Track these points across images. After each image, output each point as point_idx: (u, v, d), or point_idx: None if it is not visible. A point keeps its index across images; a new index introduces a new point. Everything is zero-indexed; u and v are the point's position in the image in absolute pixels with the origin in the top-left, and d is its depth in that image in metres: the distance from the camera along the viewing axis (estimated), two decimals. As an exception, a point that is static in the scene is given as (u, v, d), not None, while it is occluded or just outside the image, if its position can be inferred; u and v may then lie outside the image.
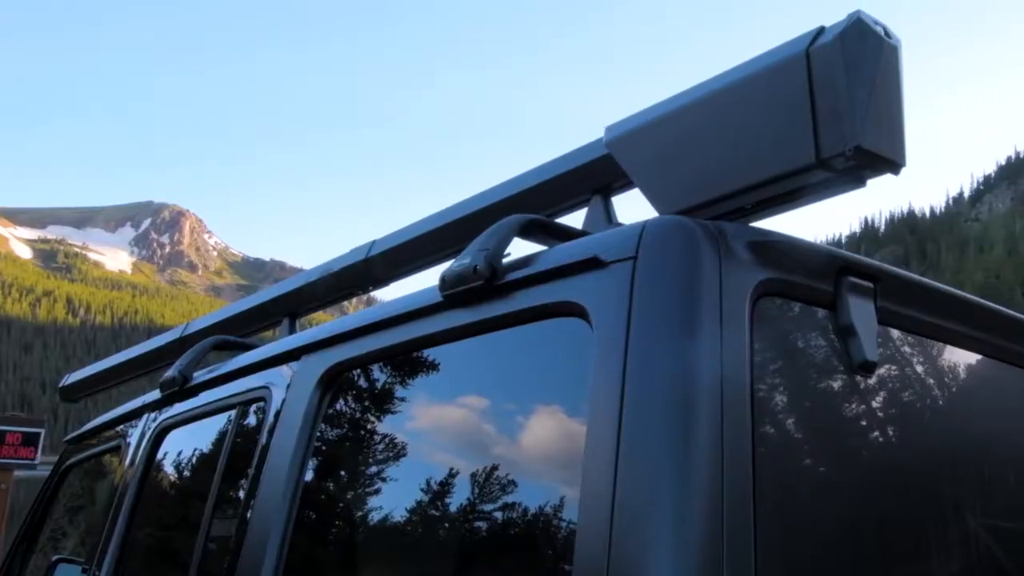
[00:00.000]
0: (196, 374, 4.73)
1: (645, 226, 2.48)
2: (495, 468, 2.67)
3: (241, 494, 3.80)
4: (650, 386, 2.21)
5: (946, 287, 3.05)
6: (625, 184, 3.28)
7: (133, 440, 5.19)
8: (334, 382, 3.45)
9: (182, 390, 4.71)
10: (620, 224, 3.20)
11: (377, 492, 3.15)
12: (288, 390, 3.66)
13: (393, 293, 3.81)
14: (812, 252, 2.59)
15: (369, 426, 3.34)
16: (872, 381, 2.63)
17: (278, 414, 3.64)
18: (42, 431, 18.02)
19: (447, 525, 2.82)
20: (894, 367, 2.78)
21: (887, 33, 2.47)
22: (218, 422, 4.38)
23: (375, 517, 3.14)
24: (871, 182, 2.59)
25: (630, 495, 2.11)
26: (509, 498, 2.60)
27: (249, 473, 3.69)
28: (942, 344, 2.96)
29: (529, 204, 3.52)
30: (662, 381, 2.20)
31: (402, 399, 3.20)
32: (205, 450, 4.51)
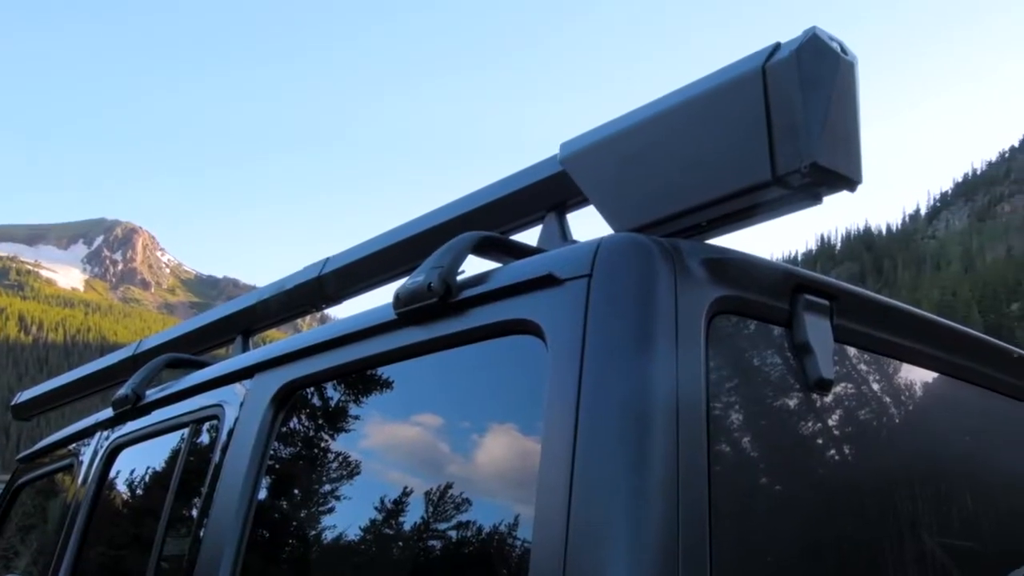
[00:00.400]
0: (149, 392, 4.69)
1: (600, 243, 2.47)
2: (449, 487, 2.65)
3: (194, 513, 3.77)
4: (605, 404, 2.20)
5: (902, 305, 3.05)
6: (580, 201, 3.27)
7: (85, 459, 5.15)
8: (287, 400, 3.43)
9: (135, 408, 4.66)
10: (575, 241, 3.19)
11: (331, 511, 3.12)
12: (241, 408, 3.63)
13: (347, 311, 3.78)
14: (768, 270, 2.58)
15: (323, 444, 3.32)
16: (828, 399, 2.62)
17: (231, 432, 3.61)
18: (-7, 450, 17.84)
19: (401, 544, 2.80)
20: (850, 385, 2.77)
21: (843, 49, 2.47)
22: (171, 440, 4.34)
23: (329, 536, 3.12)
24: (827, 199, 2.58)
25: (585, 514, 2.10)
26: (464, 517, 2.58)
27: (202, 491, 3.66)
28: (898, 362, 2.96)
29: (484, 221, 3.51)
30: (617, 399, 2.19)
31: (356, 417, 3.18)
32: (158, 468, 4.47)
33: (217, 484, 3.53)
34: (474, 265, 2.89)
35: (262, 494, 3.35)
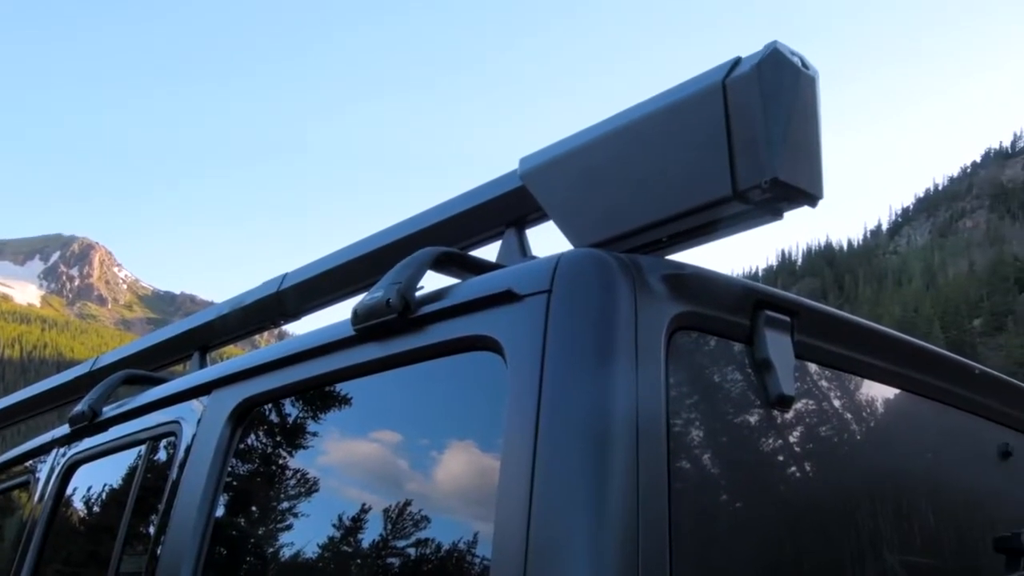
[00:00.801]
0: (106, 409, 4.65)
1: (560, 259, 2.46)
2: (408, 504, 2.64)
3: (151, 530, 3.75)
4: (564, 421, 2.18)
5: (864, 321, 3.05)
6: (539, 216, 3.25)
7: (42, 475, 5.10)
8: (245, 417, 3.40)
9: (91, 425, 4.62)
10: (534, 257, 3.18)
11: (289, 528, 3.10)
12: (199, 425, 3.61)
13: (305, 327, 3.76)
14: (728, 285, 2.57)
15: (281, 461, 3.29)
16: (789, 416, 2.61)
17: (189, 449, 3.58)
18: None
19: (360, 562, 2.77)
20: (811, 401, 2.76)
21: (804, 64, 2.47)
22: (128, 457, 4.30)
23: (287, 553, 3.09)
24: (788, 214, 2.58)
25: (544, 532, 2.09)
26: (423, 534, 2.56)
27: (159, 509, 3.63)
28: (860, 378, 2.96)
29: (443, 237, 3.49)
30: (576, 416, 2.18)
31: (314, 434, 3.16)
32: (115, 485, 4.43)
33: (174, 501, 3.50)
34: (433, 281, 2.87)
35: (220, 511, 3.33)
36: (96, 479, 4.67)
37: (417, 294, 2.76)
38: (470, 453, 2.57)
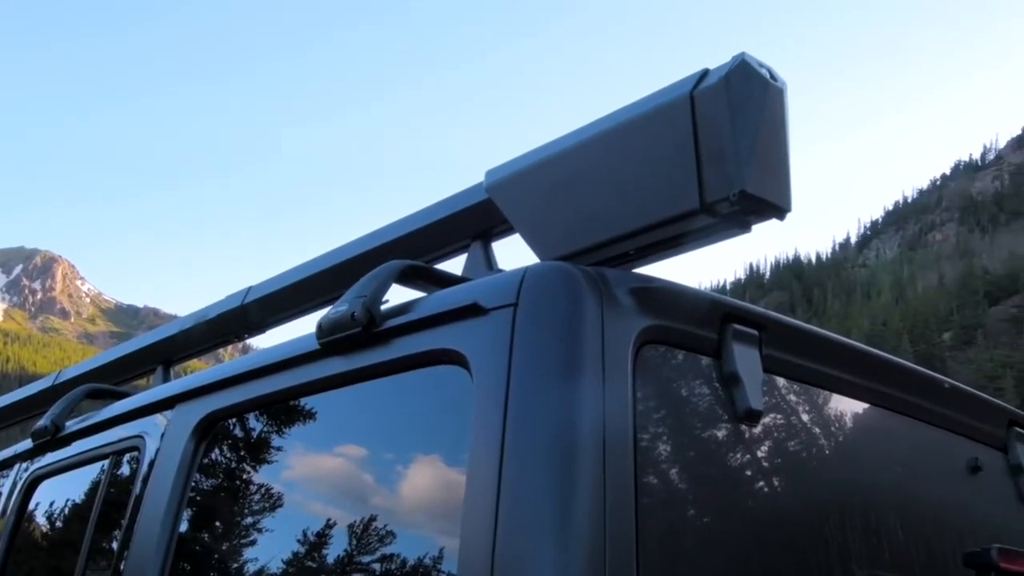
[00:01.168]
0: (69, 423, 4.62)
1: (526, 272, 2.45)
2: (373, 519, 2.62)
3: (115, 545, 3.73)
4: (531, 435, 2.17)
5: (832, 334, 3.05)
6: (506, 229, 3.24)
7: (4, 490, 5.07)
8: (209, 431, 3.38)
9: (54, 439, 4.60)
10: (500, 270, 3.16)
11: (253, 543, 3.08)
12: (162, 439, 3.58)
13: (270, 340, 3.74)
14: (696, 299, 2.56)
15: (245, 476, 3.28)
16: (757, 430, 2.60)
17: (152, 464, 3.56)
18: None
19: (324, 577, 2.75)
20: (780, 416, 2.75)
21: (772, 75, 2.46)
22: (91, 472, 4.28)
23: (251, 569, 3.06)
24: (756, 227, 2.57)
25: (510, 546, 2.08)
26: (387, 549, 2.55)
27: (123, 524, 3.61)
28: (828, 392, 2.95)
29: (408, 249, 3.48)
30: (543, 430, 2.17)
31: (279, 448, 3.13)
32: (78, 500, 4.40)
33: (138, 516, 3.48)
34: (398, 294, 2.86)
35: (183, 526, 3.30)
36: (59, 494, 4.64)
37: (382, 307, 2.75)
38: (436, 467, 2.56)
